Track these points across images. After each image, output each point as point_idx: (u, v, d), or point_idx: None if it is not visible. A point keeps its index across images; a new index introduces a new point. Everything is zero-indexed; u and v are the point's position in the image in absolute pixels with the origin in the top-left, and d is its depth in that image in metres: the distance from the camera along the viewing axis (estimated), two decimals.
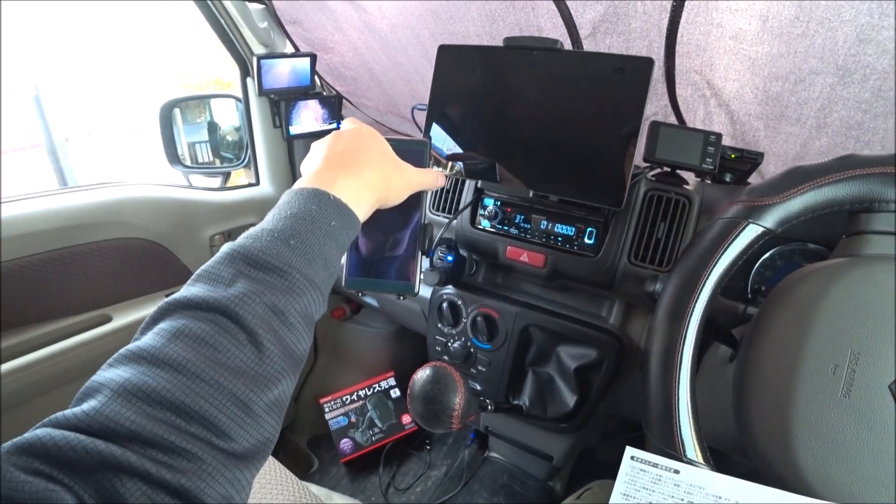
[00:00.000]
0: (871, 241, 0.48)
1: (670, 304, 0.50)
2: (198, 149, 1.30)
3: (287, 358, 0.34)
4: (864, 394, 0.42)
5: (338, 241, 0.40)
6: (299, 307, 0.35)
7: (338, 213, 0.40)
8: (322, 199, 0.40)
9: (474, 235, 0.83)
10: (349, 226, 0.41)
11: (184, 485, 0.27)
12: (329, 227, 0.39)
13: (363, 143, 0.46)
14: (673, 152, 0.71)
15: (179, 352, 0.30)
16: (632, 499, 0.45)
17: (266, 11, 1.12)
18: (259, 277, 0.35)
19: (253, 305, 0.33)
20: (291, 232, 0.37)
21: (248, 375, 0.31)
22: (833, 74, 0.68)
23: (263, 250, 0.35)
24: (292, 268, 0.36)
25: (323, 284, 0.38)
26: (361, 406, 1.38)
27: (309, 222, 0.38)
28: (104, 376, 0.30)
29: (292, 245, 0.36)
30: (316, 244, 0.38)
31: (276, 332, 0.34)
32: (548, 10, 0.78)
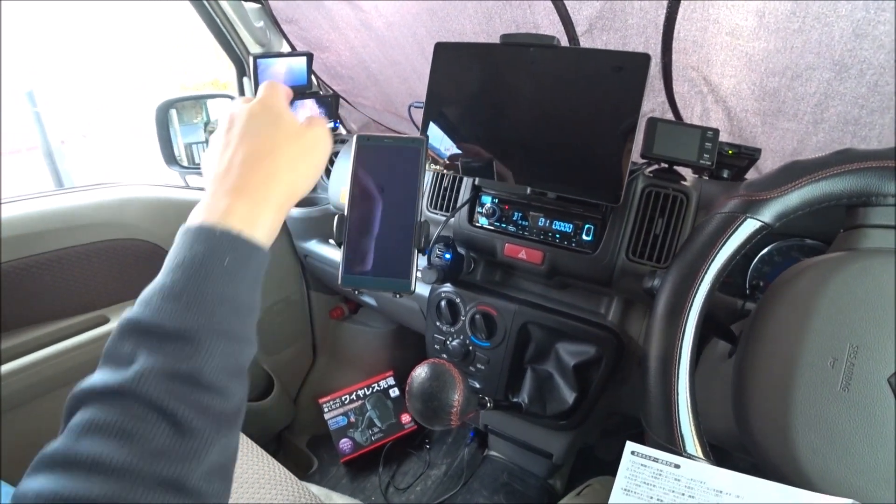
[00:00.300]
0: (869, 235, 0.48)
1: (669, 299, 0.50)
2: (195, 149, 1.30)
3: (214, 422, 0.32)
4: (863, 387, 0.42)
5: (240, 277, 0.35)
6: (214, 364, 0.32)
7: (230, 247, 0.35)
8: (208, 236, 0.35)
9: (472, 233, 0.83)
10: (249, 256, 0.36)
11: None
12: (223, 266, 0.34)
13: (266, 135, 0.41)
14: (670, 148, 0.70)
15: (93, 449, 0.28)
16: (633, 494, 0.45)
17: (262, 10, 1.12)
18: (157, 348, 0.31)
19: (156, 381, 0.30)
20: (182, 286, 0.33)
21: (170, 456, 0.29)
22: (830, 70, 0.68)
23: (155, 316, 0.32)
24: (190, 327, 0.32)
25: (236, 329, 0.35)
26: (361, 406, 1.38)
27: (198, 269, 0.34)
28: (22, 488, 0.28)
29: (185, 301, 0.33)
30: (212, 291, 0.34)
31: (191, 400, 0.31)
32: (544, 7, 0.79)
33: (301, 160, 0.42)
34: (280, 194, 0.40)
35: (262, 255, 0.37)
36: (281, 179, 0.40)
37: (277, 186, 0.39)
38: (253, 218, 0.37)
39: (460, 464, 1.29)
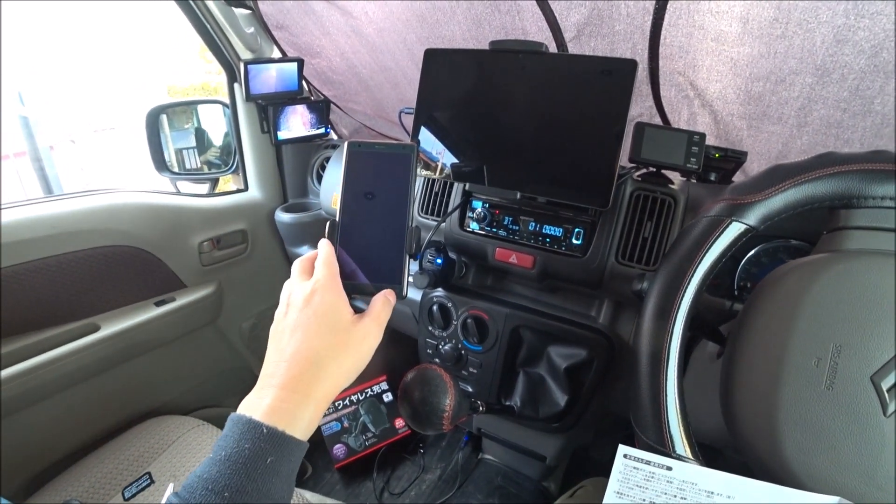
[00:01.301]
0: (851, 237, 0.49)
1: (656, 302, 0.51)
2: (185, 155, 1.30)
3: None
4: (847, 386, 0.43)
5: (280, 473, 0.37)
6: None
7: (274, 445, 0.37)
8: (255, 434, 0.37)
9: (463, 238, 0.83)
10: (290, 453, 0.38)
11: None
12: (265, 465, 0.36)
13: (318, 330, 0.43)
14: (658, 152, 0.72)
15: None
16: (625, 497, 0.46)
17: (252, 16, 1.12)
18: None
19: None
20: (225, 481, 0.35)
21: None
22: (812, 74, 0.70)
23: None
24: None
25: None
26: (354, 411, 1.37)
27: (242, 466, 0.36)
28: None
29: (227, 497, 0.34)
30: (253, 488, 0.36)
31: None
32: (533, 14, 0.79)
33: (347, 355, 0.44)
34: (324, 391, 0.42)
35: (301, 450, 0.40)
36: (327, 377, 0.42)
37: (323, 384, 0.41)
38: (298, 416, 0.39)
39: (455, 467, 1.29)
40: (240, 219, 1.25)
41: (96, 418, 1.03)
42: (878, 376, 0.42)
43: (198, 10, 1.05)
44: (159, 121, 1.22)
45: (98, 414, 1.03)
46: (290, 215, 1.26)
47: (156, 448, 0.94)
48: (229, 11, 1.06)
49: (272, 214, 1.30)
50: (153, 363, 1.11)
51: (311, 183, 1.35)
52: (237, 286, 1.26)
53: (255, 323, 1.35)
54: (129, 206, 1.06)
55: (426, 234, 0.83)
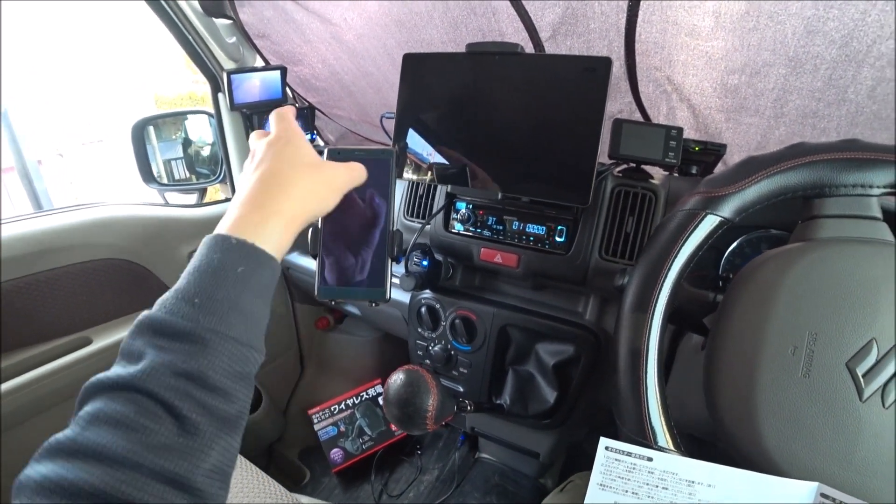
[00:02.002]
0: (825, 225, 0.50)
1: (634, 296, 0.52)
2: (174, 166, 1.30)
3: (216, 423, 0.33)
4: (823, 372, 0.44)
5: (251, 285, 0.37)
6: (221, 367, 0.34)
7: (243, 256, 0.37)
8: (224, 245, 0.37)
9: (448, 239, 0.84)
10: (260, 265, 0.38)
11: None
12: (236, 274, 0.36)
13: (278, 157, 0.44)
14: (636, 148, 0.72)
15: (98, 438, 0.29)
16: (608, 488, 0.46)
17: (234, 26, 1.12)
18: (167, 346, 0.33)
19: (164, 377, 0.31)
20: (196, 289, 0.35)
21: (174, 451, 0.30)
22: (785, 66, 0.70)
23: (168, 316, 0.34)
24: (202, 328, 0.34)
25: (245, 335, 0.36)
26: (350, 415, 1.38)
27: (212, 275, 0.36)
28: (26, 473, 0.29)
29: (197, 304, 0.34)
30: (224, 297, 0.35)
31: (195, 399, 0.32)
32: (508, 15, 0.80)
33: (315, 180, 0.45)
34: (292, 209, 0.42)
35: (273, 266, 0.40)
36: (294, 195, 0.42)
37: (290, 202, 0.42)
38: (266, 229, 0.39)
39: (452, 467, 1.30)
40: None
41: None
42: (854, 362, 0.43)
43: (179, 22, 1.05)
44: (145, 133, 1.22)
45: None
46: None
47: None
48: (210, 23, 1.06)
49: None
50: None
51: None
52: None
53: None
54: (118, 220, 1.06)
55: (411, 236, 0.83)
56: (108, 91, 5.25)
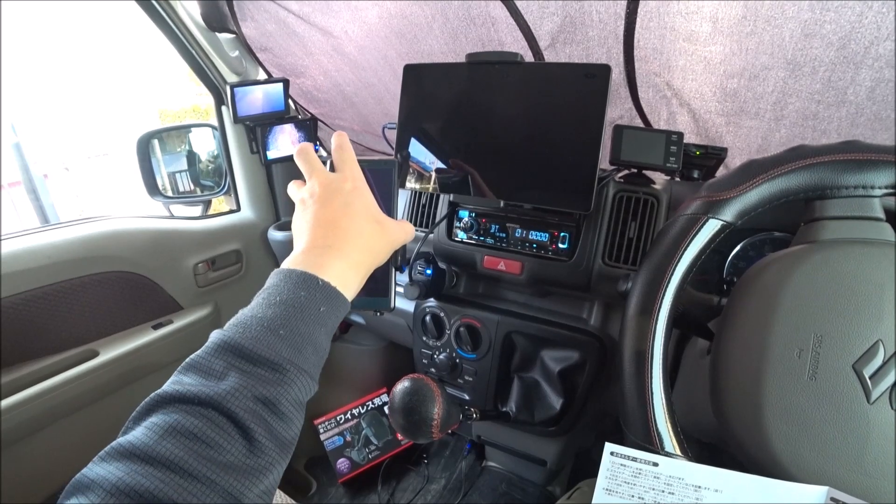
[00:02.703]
0: (827, 227, 0.50)
1: (638, 301, 0.52)
2: (178, 178, 1.31)
3: (278, 447, 0.34)
4: (830, 375, 0.44)
5: (327, 325, 0.40)
6: (291, 396, 0.36)
7: (327, 298, 0.40)
8: (311, 284, 0.40)
9: (451, 248, 0.84)
10: (338, 309, 0.41)
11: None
12: (318, 313, 0.39)
13: (350, 207, 0.46)
14: (637, 154, 0.72)
15: (172, 449, 0.30)
16: (614, 493, 0.46)
17: (236, 40, 1.13)
18: (250, 370, 0.35)
19: (244, 400, 0.33)
20: (281, 321, 0.37)
21: (239, 470, 0.32)
22: (784, 69, 0.71)
23: (253, 342, 0.35)
24: (283, 359, 0.36)
25: (313, 369, 0.38)
26: (356, 424, 1.37)
27: (298, 310, 0.38)
28: (96, 472, 0.30)
29: (282, 335, 0.36)
30: (306, 332, 0.38)
31: (267, 423, 0.34)
32: (507, 25, 0.81)
33: (378, 241, 0.47)
34: (363, 262, 0.45)
35: (345, 310, 0.43)
36: (362, 247, 0.45)
37: (360, 253, 0.45)
38: (345, 279, 0.42)
39: (459, 476, 1.29)
40: (233, 239, 1.25)
41: (97, 445, 1.02)
42: (860, 364, 0.43)
43: (182, 36, 1.06)
44: (150, 146, 1.23)
45: (99, 440, 1.02)
46: (282, 233, 1.27)
47: None
48: (213, 37, 1.08)
49: (265, 233, 1.31)
50: (153, 387, 1.09)
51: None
52: (233, 306, 1.26)
53: None
54: (124, 232, 1.07)
55: (414, 245, 0.84)
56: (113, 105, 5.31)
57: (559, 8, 0.76)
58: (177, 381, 0.35)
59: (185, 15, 1.02)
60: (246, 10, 1.02)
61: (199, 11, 1.03)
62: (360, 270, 0.44)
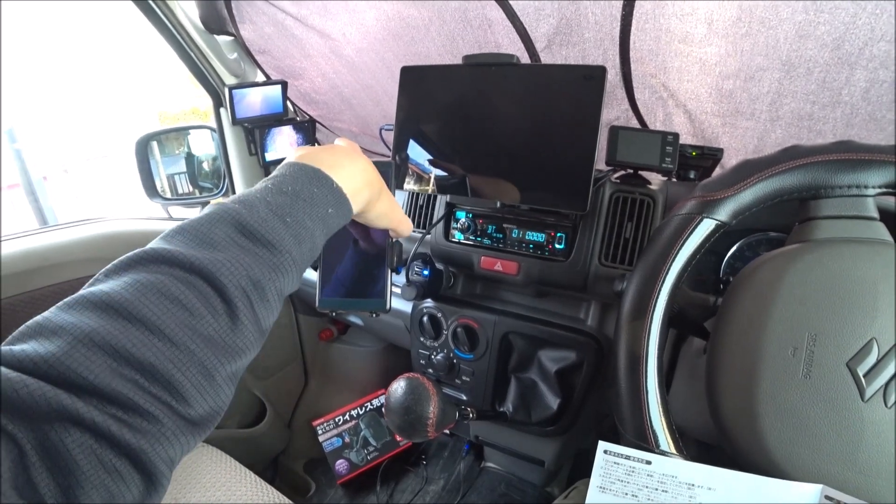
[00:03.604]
0: (821, 226, 0.50)
1: (633, 301, 0.52)
2: (177, 180, 1.31)
3: (257, 332, 0.34)
4: (824, 373, 0.44)
5: (328, 228, 0.40)
6: (278, 285, 0.35)
7: (337, 202, 0.40)
8: (325, 184, 0.39)
9: (449, 248, 0.84)
10: (342, 216, 0.41)
11: (139, 445, 0.26)
12: (326, 214, 0.39)
13: (361, 158, 0.46)
14: (633, 154, 0.73)
15: (154, 311, 0.29)
16: (608, 492, 0.46)
17: (235, 43, 1.14)
18: (249, 249, 0.34)
19: (237, 276, 0.32)
20: (289, 210, 0.36)
21: (218, 345, 0.31)
22: (779, 70, 0.71)
23: (259, 223, 0.35)
24: (283, 246, 0.35)
25: (304, 265, 0.38)
26: (354, 426, 1.37)
27: (308, 204, 0.38)
28: (64, 318, 0.28)
29: (288, 223, 0.36)
30: (311, 227, 0.37)
31: (252, 305, 0.33)
32: (504, 27, 0.81)
33: (384, 196, 0.47)
34: (370, 193, 0.45)
35: (347, 220, 0.42)
36: (374, 185, 0.45)
37: (372, 183, 0.45)
38: (355, 190, 0.42)
39: (457, 477, 1.29)
40: None
41: None
42: (854, 362, 0.43)
43: (181, 38, 1.07)
44: (149, 148, 1.24)
45: None
46: None
47: None
48: (212, 39, 1.08)
49: None
50: None
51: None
52: None
53: None
54: (122, 234, 1.07)
55: (412, 246, 0.84)
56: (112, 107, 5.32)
57: (555, 10, 0.76)
58: (167, 240, 0.33)
59: (183, 17, 1.03)
60: (244, 13, 1.03)
61: (198, 14, 1.04)
62: (368, 192, 0.44)
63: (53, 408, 0.24)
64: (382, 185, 0.47)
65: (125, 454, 0.26)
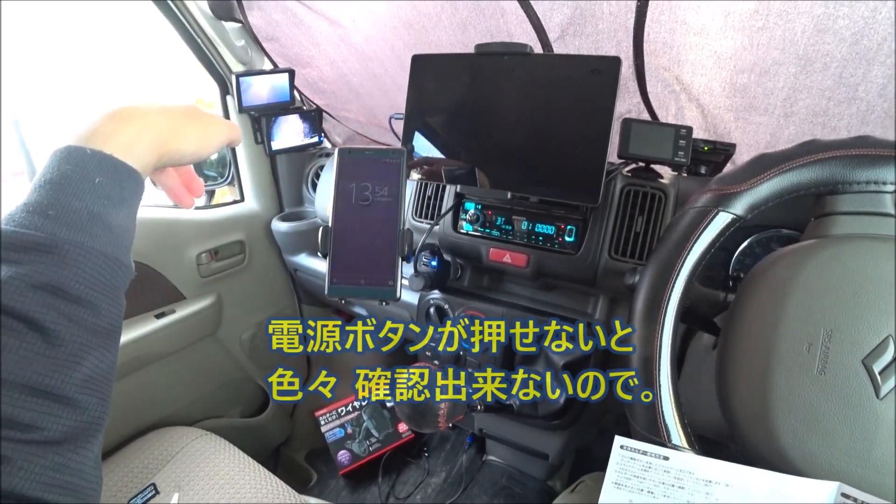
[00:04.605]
0: (838, 222, 0.50)
1: (647, 294, 0.52)
2: None
3: (88, 332, 0.32)
4: (839, 370, 0.43)
5: (111, 197, 0.35)
6: (84, 278, 0.32)
7: (101, 167, 0.35)
8: (77, 156, 0.35)
9: (457, 239, 0.84)
10: (122, 178, 0.36)
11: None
12: (93, 184, 0.34)
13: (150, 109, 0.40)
14: (646, 148, 0.72)
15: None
16: (623, 487, 0.46)
17: (242, 30, 1.13)
18: (22, 259, 0.31)
19: (20, 291, 0.30)
20: (48, 201, 0.33)
21: (38, 363, 0.29)
22: (795, 64, 0.70)
23: (20, 228, 0.32)
24: (58, 239, 0.32)
25: (110, 248, 0.34)
26: (357, 417, 1.37)
27: (66, 185, 0.34)
28: None
29: (51, 216, 0.32)
30: (82, 208, 0.33)
31: (59, 310, 0.31)
32: (517, 16, 0.80)
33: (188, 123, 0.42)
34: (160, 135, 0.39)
35: (137, 178, 0.37)
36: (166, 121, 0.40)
37: (158, 125, 0.39)
38: (128, 144, 0.37)
39: (459, 470, 1.29)
40: (237, 229, 1.25)
41: None
42: (870, 359, 0.43)
43: (188, 25, 1.06)
44: None
45: None
46: (286, 224, 1.26)
47: (160, 459, 0.94)
48: (219, 25, 1.07)
49: (269, 224, 1.31)
50: (155, 376, 1.11)
51: (306, 192, 1.36)
52: (236, 297, 1.26)
53: (255, 333, 1.35)
54: None
55: (420, 236, 0.83)
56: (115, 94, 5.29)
57: None
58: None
59: (191, 4, 1.02)
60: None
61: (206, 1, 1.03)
62: (156, 137, 0.39)
63: None
64: (183, 124, 0.42)
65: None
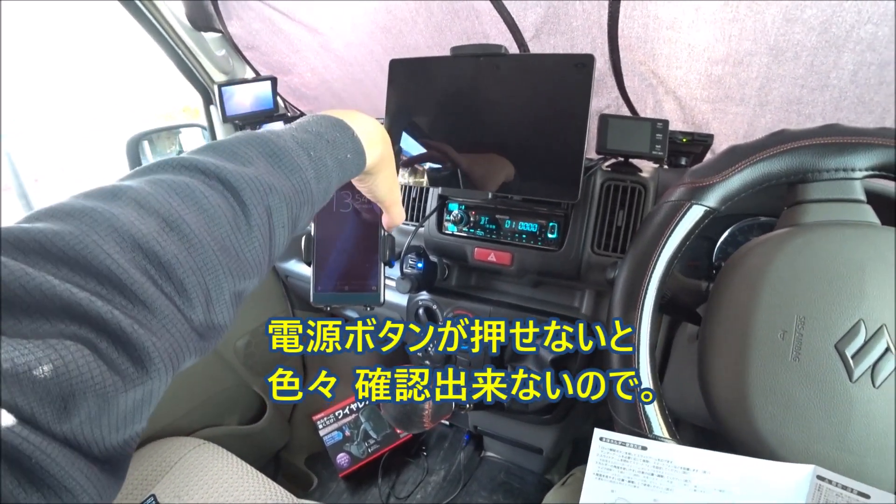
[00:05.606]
0: (809, 210, 0.51)
1: (624, 288, 0.52)
2: None
3: (266, 254, 0.33)
4: (813, 355, 0.44)
5: (344, 172, 0.40)
6: (292, 214, 0.35)
7: (355, 148, 0.41)
8: (346, 131, 0.40)
9: (442, 240, 0.85)
10: (357, 165, 0.41)
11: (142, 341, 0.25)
12: (345, 157, 0.39)
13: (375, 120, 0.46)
14: (623, 142, 0.73)
15: (175, 209, 0.28)
16: (605, 478, 0.47)
17: (223, 39, 1.13)
18: (274, 171, 0.34)
19: (261, 194, 0.32)
20: (313, 146, 0.37)
21: (231, 256, 0.30)
22: (767, 54, 0.71)
23: (286, 150, 0.35)
24: (305, 177, 0.35)
25: (318, 205, 0.38)
26: (355, 419, 1.38)
27: (331, 145, 0.38)
28: (82, 203, 0.27)
29: (312, 157, 0.36)
30: (330, 166, 0.38)
31: (269, 223, 0.33)
32: (491, 17, 0.81)
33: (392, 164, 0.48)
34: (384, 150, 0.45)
35: (361, 170, 0.43)
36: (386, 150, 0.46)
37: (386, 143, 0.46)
38: (371, 142, 0.43)
39: (458, 467, 1.30)
40: None
41: None
42: (842, 344, 0.44)
43: (168, 36, 1.06)
44: (140, 147, 1.23)
45: None
46: None
47: (158, 471, 0.94)
48: (199, 36, 1.07)
49: None
50: None
51: None
52: None
53: (250, 340, 1.35)
54: None
55: (405, 239, 0.84)
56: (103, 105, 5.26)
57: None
58: (195, 153, 0.33)
59: (169, 15, 1.02)
60: (231, 9, 1.02)
61: (185, 11, 1.03)
62: (383, 148, 0.45)
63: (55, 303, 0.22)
64: (392, 155, 0.48)
65: (127, 351, 0.24)
